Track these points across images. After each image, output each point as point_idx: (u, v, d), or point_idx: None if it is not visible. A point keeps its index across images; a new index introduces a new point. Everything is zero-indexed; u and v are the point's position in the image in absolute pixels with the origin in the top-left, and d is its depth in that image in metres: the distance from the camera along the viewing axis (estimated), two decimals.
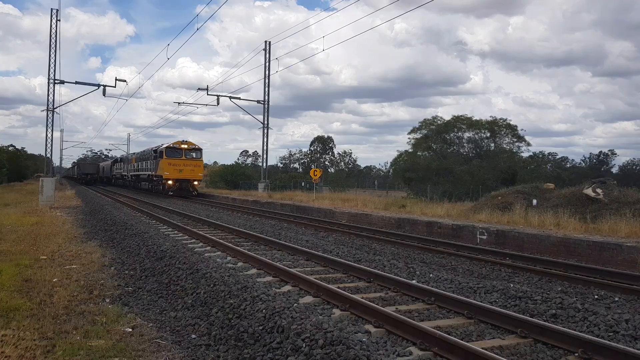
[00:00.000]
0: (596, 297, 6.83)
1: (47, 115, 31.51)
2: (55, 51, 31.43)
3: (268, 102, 36.12)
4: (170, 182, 33.25)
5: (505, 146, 39.34)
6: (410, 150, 40.94)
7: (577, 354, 4.42)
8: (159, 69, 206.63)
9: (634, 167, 77.33)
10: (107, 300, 6.55)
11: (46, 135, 31.87)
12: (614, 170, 74.12)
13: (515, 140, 39.23)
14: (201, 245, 10.91)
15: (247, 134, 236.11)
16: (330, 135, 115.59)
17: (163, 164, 33.40)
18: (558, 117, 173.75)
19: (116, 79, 32.83)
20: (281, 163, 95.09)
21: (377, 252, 10.80)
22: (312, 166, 67.10)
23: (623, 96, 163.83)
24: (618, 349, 4.30)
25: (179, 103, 40.65)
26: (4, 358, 4.27)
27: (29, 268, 8.18)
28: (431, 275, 7.91)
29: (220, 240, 10.92)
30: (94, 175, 66.45)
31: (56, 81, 31.51)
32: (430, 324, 5.23)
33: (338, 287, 6.69)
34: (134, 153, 49.02)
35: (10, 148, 73.34)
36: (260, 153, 47.66)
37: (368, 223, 17.18)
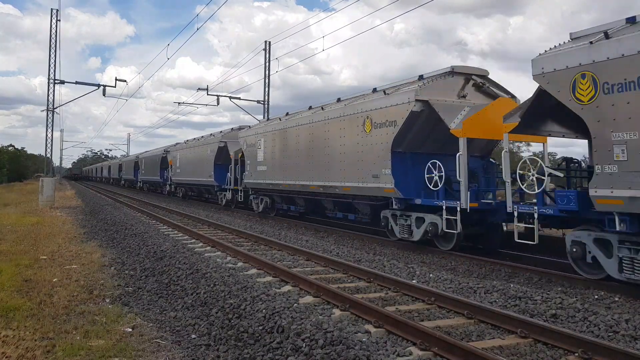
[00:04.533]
0: (596, 297, 6.83)
1: (47, 115, 31.48)
2: (55, 51, 31.40)
3: (268, 102, 36.07)
4: None
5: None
6: None
7: (577, 354, 4.42)
8: (159, 69, 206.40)
9: None
10: (107, 300, 6.55)
11: (46, 135, 31.85)
12: None
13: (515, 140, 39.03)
14: (201, 245, 10.93)
15: None
16: None
17: None
18: None
19: (116, 79, 32.73)
20: None
21: (377, 252, 10.80)
22: None
23: None
24: (618, 349, 4.31)
25: (179, 103, 40.51)
26: (5, 358, 4.27)
27: (29, 268, 8.19)
28: (431, 275, 7.91)
29: (220, 241, 10.93)
30: (79, 174, 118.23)
31: (56, 81, 31.45)
32: (430, 324, 5.23)
33: (338, 287, 6.70)
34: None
35: (10, 148, 73.49)
36: None
37: None
